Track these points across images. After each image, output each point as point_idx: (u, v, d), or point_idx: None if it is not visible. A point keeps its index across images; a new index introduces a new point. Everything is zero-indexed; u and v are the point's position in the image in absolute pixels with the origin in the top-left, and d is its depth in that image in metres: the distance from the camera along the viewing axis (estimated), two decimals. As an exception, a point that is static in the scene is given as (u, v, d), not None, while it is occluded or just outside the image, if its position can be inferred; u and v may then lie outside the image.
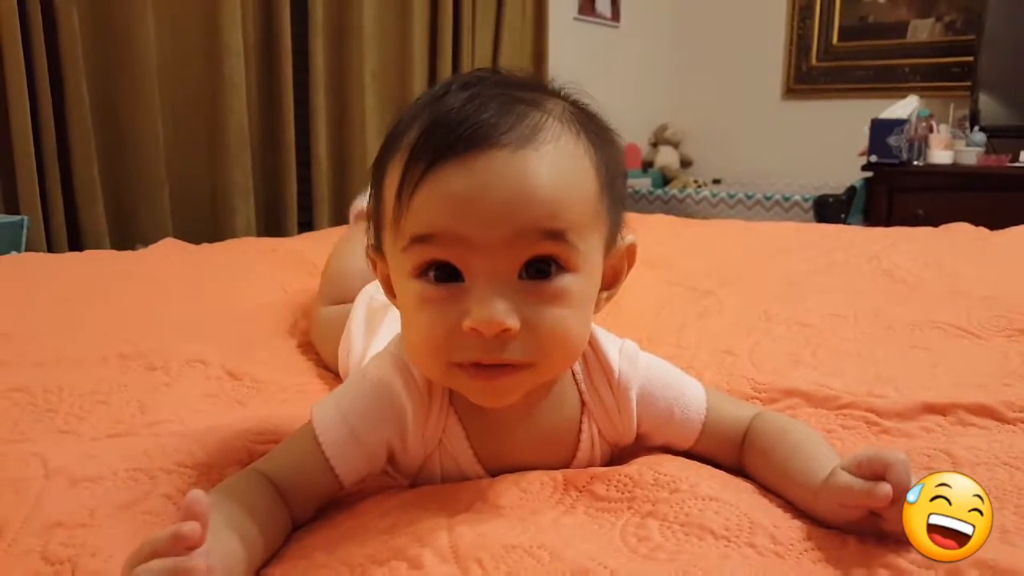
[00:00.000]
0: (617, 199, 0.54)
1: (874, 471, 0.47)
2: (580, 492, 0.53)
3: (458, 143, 0.46)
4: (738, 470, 0.59)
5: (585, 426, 0.59)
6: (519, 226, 0.47)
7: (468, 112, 0.47)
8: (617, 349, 0.60)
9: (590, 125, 0.52)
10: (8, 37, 1.58)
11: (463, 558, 0.46)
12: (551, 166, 0.48)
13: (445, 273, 0.48)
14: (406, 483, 0.60)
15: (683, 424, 0.60)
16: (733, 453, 0.60)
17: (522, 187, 0.47)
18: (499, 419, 0.56)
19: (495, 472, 0.57)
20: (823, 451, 0.56)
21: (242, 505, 0.49)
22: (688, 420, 0.60)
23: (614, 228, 0.54)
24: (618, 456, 0.62)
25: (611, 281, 0.56)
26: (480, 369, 0.49)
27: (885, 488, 0.45)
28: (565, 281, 0.49)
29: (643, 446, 0.62)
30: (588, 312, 0.52)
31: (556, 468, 0.58)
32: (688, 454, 0.60)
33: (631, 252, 0.57)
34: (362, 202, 1.19)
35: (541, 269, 0.48)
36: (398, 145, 0.50)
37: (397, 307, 0.55)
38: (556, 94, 0.53)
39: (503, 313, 0.46)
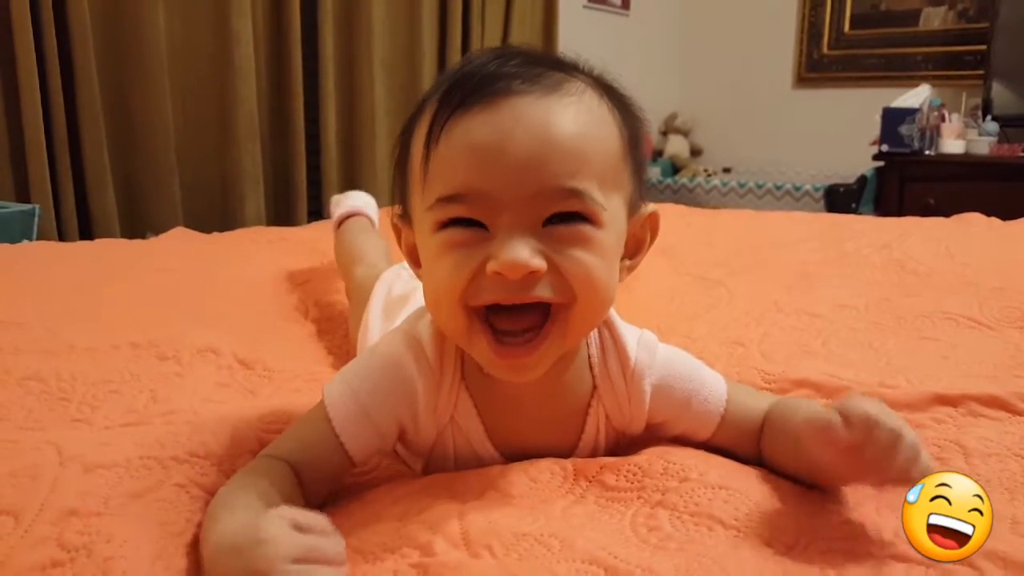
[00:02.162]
0: (639, 166, 0.54)
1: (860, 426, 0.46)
2: (590, 482, 0.54)
3: (482, 88, 0.47)
4: (757, 461, 0.59)
5: (593, 410, 0.59)
6: (542, 183, 0.47)
7: (494, 66, 0.48)
8: (636, 338, 0.60)
9: (613, 92, 0.53)
10: (19, 26, 1.59)
11: (474, 545, 0.46)
12: (575, 116, 0.48)
13: (469, 222, 0.48)
14: (418, 465, 0.60)
15: (702, 414, 0.60)
16: (752, 445, 0.59)
17: (546, 136, 0.47)
18: (510, 396, 0.56)
19: (505, 449, 0.57)
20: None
21: (262, 490, 0.50)
22: (707, 411, 0.59)
23: (636, 193, 0.54)
24: (627, 444, 0.62)
25: (634, 250, 0.56)
26: (506, 345, 0.49)
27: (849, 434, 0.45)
28: (589, 231, 0.49)
29: (659, 436, 0.62)
30: (614, 266, 0.52)
31: (562, 448, 0.58)
32: (706, 446, 0.60)
33: (654, 222, 0.57)
34: (343, 204, 1.23)
35: (566, 218, 0.48)
36: (424, 107, 0.51)
37: (420, 277, 0.55)
38: (579, 67, 0.53)
39: (528, 255, 0.46)
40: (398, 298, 0.86)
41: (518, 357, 0.50)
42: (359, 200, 1.25)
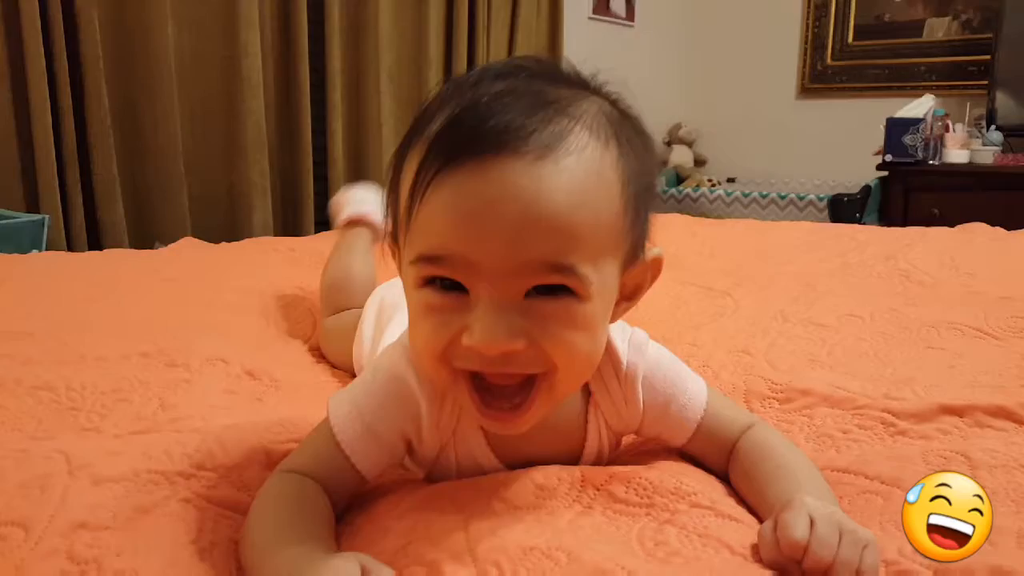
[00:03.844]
0: (643, 212, 0.51)
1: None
2: (598, 491, 0.53)
3: (474, 144, 0.43)
4: (724, 476, 0.58)
5: (592, 418, 0.58)
6: (528, 257, 0.44)
7: (493, 110, 0.44)
8: (626, 340, 0.59)
9: (623, 130, 0.49)
10: (30, 38, 1.60)
11: (481, 561, 0.46)
12: (570, 185, 0.44)
13: (451, 283, 0.46)
14: (421, 474, 0.60)
15: (678, 420, 0.59)
16: (723, 459, 0.59)
17: (535, 210, 0.43)
18: None
19: (508, 461, 0.57)
20: (802, 477, 0.54)
21: (298, 512, 0.50)
22: (684, 418, 0.59)
23: (638, 243, 0.51)
24: (629, 448, 0.61)
25: (631, 293, 0.54)
26: (495, 410, 0.48)
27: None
28: (574, 306, 0.46)
29: (639, 437, 0.61)
30: (600, 332, 0.50)
31: (567, 457, 0.58)
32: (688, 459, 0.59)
33: (656, 265, 0.55)
34: (346, 208, 1.16)
35: (550, 290, 0.46)
36: (420, 134, 0.47)
37: None
38: (596, 92, 0.50)
39: (504, 335, 0.44)
40: (390, 305, 0.85)
41: (507, 419, 0.49)
42: (365, 201, 1.17)
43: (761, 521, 0.51)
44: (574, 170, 0.45)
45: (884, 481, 0.58)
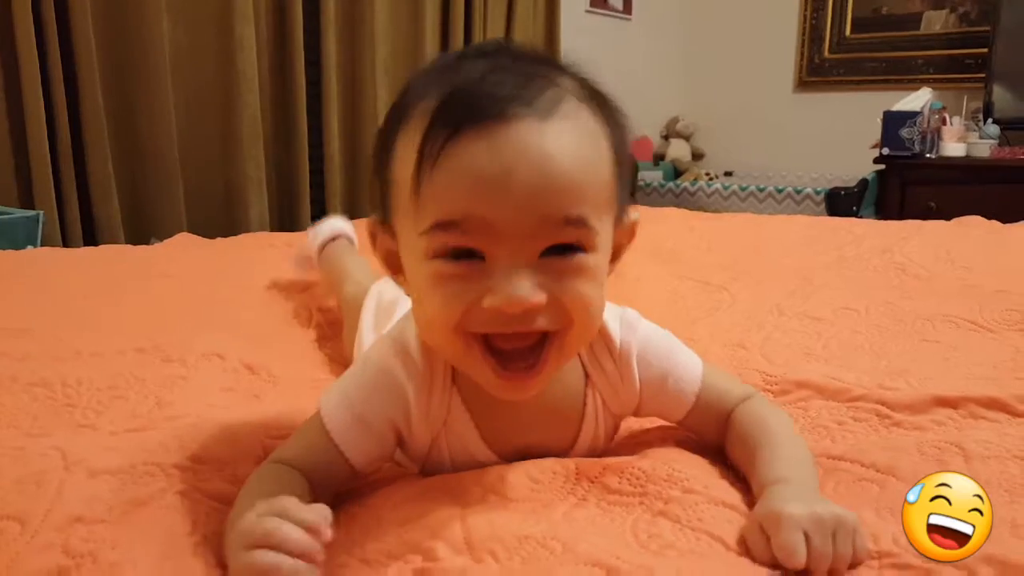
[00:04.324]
0: (626, 175, 0.53)
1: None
2: (592, 483, 0.54)
3: (480, 111, 0.45)
4: (719, 447, 0.59)
5: (590, 399, 0.59)
6: (545, 214, 0.46)
7: (490, 82, 0.46)
8: (617, 318, 0.60)
9: (602, 102, 0.51)
10: (22, 33, 1.59)
11: (477, 549, 0.46)
12: (574, 145, 0.47)
13: (464, 251, 0.47)
14: (415, 470, 0.60)
15: (676, 395, 0.60)
16: (719, 431, 0.60)
17: (548, 168, 0.45)
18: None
19: (501, 451, 0.57)
20: (787, 453, 0.55)
21: (285, 488, 0.50)
22: (681, 392, 0.59)
23: (622, 205, 0.54)
24: (627, 439, 0.62)
25: (615, 254, 0.55)
26: (510, 371, 0.49)
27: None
28: (584, 259, 0.48)
29: (637, 416, 0.62)
30: (604, 286, 0.52)
31: (562, 443, 0.58)
32: (697, 445, 0.60)
33: (633, 229, 0.57)
34: (320, 231, 1.21)
35: (562, 250, 0.47)
36: (410, 113, 0.48)
37: (400, 284, 0.55)
38: (567, 70, 0.51)
39: (528, 290, 0.46)
40: (388, 303, 0.86)
41: (521, 380, 0.49)
42: (337, 224, 1.25)
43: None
44: (573, 131, 0.47)
45: (879, 469, 0.58)
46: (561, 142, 0.46)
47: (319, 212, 2.19)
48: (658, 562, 0.45)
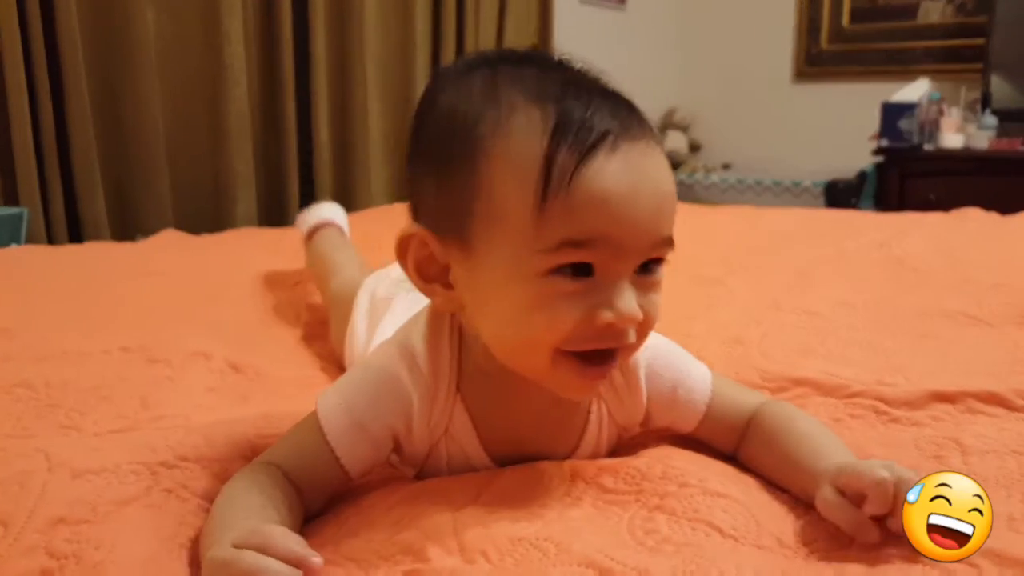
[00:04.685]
0: None
1: (855, 494, 0.47)
2: (587, 484, 0.53)
3: (606, 136, 0.47)
4: (733, 457, 0.59)
5: (595, 407, 0.59)
6: (658, 233, 0.49)
7: (594, 104, 0.48)
8: None
9: (643, 112, 0.53)
10: (6, 26, 1.57)
11: (469, 551, 0.46)
12: (667, 166, 0.51)
13: (579, 268, 0.48)
14: (411, 473, 0.60)
15: (687, 406, 0.60)
16: (733, 440, 0.60)
17: (664, 189, 0.49)
18: (508, 405, 0.56)
19: (500, 459, 0.57)
20: (829, 441, 0.56)
21: (261, 500, 0.50)
22: (692, 402, 0.60)
23: None
24: (625, 443, 0.61)
25: None
26: (592, 365, 0.50)
27: (869, 531, 0.46)
28: (660, 273, 0.51)
29: (647, 429, 0.62)
30: None
31: (562, 452, 0.58)
32: (692, 442, 0.60)
33: None
34: (311, 217, 1.21)
35: (648, 266, 0.50)
36: (504, 128, 0.48)
37: (431, 294, 0.53)
38: (606, 84, 0.52)
39: (636, 308, 0.48)
40: (382, 299, 0.85)
41: (601, 376, 0.51)
42: (327, 211, 1.24)
43: (770, 494, 0.53)
44: (663, 153, 0.51)
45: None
46: (664, 165, 0.50)
47: (308, 207, 2.17)
48: (653, 561, 0.45)
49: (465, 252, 0.50)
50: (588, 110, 0.47)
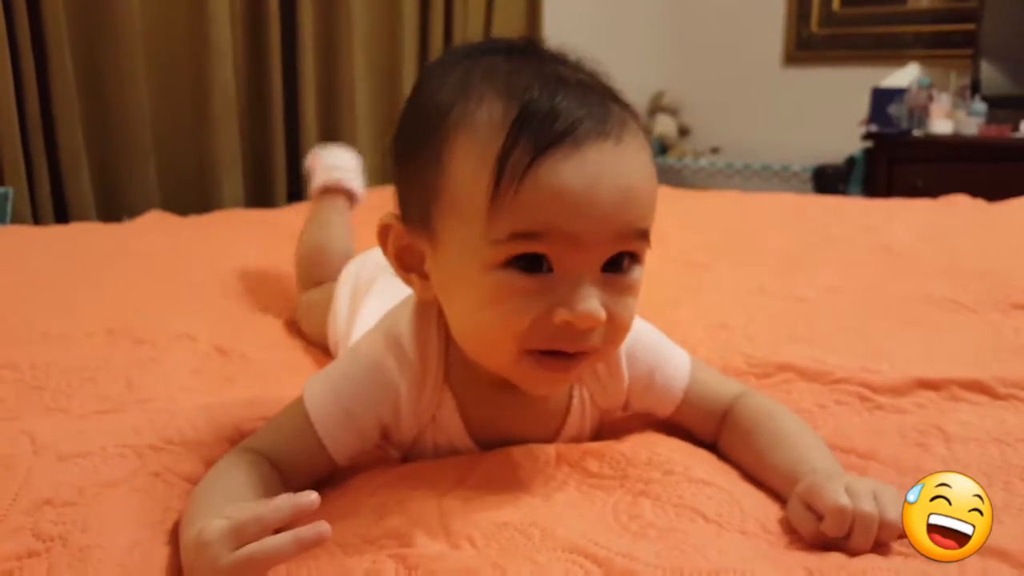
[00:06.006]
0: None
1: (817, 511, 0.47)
2: (572, 467, 0.54)
3: (566, 134, 0.46)
4: (712, 446, 0.59)
5: (576, 393, 0.59)
6: (622, 226, 0.47)
7: (563, 100, 0.47)
8: None
9: (631, 110, 0.52)
10: (-11, 4, 1.54)
11: (454, 536, 0.46)
12: (640, 162, 0.49)
13: (532, 263, 0.47)
14: (398, 456, 0.60)
15: (664, 391, 0.60)
16: (711, 428, 0.60)
17: (627, 185, 0.47)
18: (493, 392, 0.56)
19: (485, 445, 0.57)
20: (806, 441, 0.56)
21: (240, 486, 0.50)
22: (669, 388, 0.60)
23: None
24: (607, 427, 0.62)
25: None
26: (555, 360, 0.49)
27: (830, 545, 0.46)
28: (636, 273, 0.50)
29: (627, 412, 0.62)
30: None
31: (547, 437, 0.58)
32: (677, 430, 0.60)
33: None
34: (327, 171, 1.11)
35: (616, 262, 0.49)
36: (468, 120, 0.48)
37: (411, 282, 0.54)
38: (596, 74, 0.52)
39: (595, 306, 0.47)
40: (364, 282, 0.85)
41: (564, 372, 0.50)
42: (339, 166, 1.13)
43: (754, 484, 0.54)
44: (638, 150, 0.50)
45: (859, 455, 0.59)
46: (632, 160, 0.49)
47: (295, 189, 2.15)
48: (638, 546, 0.45)
49: (432, 244, 0.51)
50: (554, 104, 0.46)
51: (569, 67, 0.51)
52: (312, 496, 0.43)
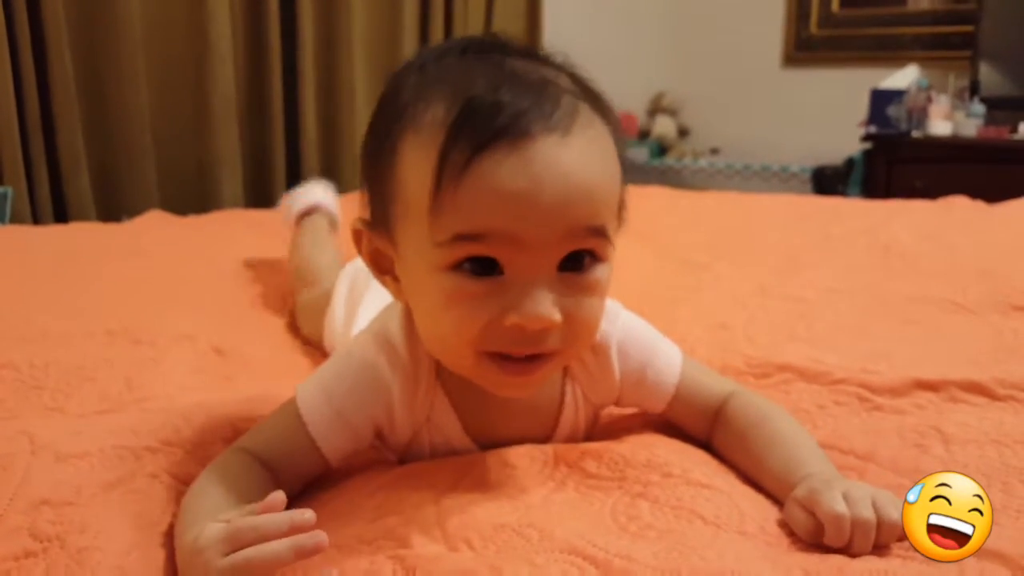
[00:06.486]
0: (624, 180, 0.53)
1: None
2: (570, 468, 0.53)
3: (504, 129, 0.44)
4: (705, 444, 0.59)
5: (568, 389, 0.59)
6: (571, 225, 0.46)
7: (505, 93, 0.45)
8: None
9: (601, 103, 0.50)
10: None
11: (452, 538, 0.46)
12: (593, 156, 0.47)
13: (482, 266, 0.46)
14: (394, 458, 0.60)
15: (655, 387, 0.60)
16: (704, 425, 0.60)
17: (575, 182, 0.46)
18: (484, 390, 0.55)
19: (483, 443, 0.57)
20: (802, 442, 0.56)
21: (232, 490, 0.49)
22: (660, 384, 0.60)
23: (621, 212, 0.53)
24: (606, 428, 0.62)
25: None
26: (514, 363, 0.48)
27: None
28: (597, 272, 0.49)
29: (619, 407, 0.62)
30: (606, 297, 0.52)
31: (542, 434, 0.58)
32: (674, 430, 0.60)
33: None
34: (300, 200, 1.17)
35: (576, 260, 0.47)
36: (415, 121, 0.47)
37: (386, 285, 0.54)
38: (563, 68, 0.50)
39: (549, 308, 0.46)
40: (362, 282, 0.85)
41: (523, 375, 0.49)
42: (316, 193, 1.19)
43: (753, 486, 0.54)
44: (591, 143, 0.48)
45: (858, 455, 0.59)
46: (582, 154, 0.46)
47: (296, 188, 2.15)
48: (636, 547, 0.45)
49: (395, 247, 0.51)
50: (496, 100, 0.45)
51: (534, 62, 0.49)
52: (308, 514, 0.43)
